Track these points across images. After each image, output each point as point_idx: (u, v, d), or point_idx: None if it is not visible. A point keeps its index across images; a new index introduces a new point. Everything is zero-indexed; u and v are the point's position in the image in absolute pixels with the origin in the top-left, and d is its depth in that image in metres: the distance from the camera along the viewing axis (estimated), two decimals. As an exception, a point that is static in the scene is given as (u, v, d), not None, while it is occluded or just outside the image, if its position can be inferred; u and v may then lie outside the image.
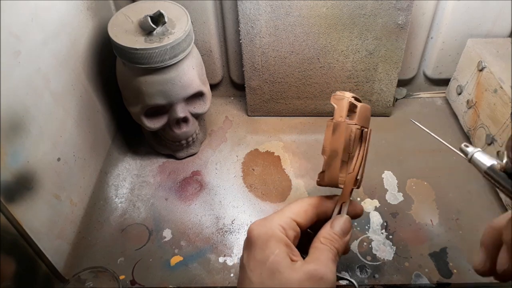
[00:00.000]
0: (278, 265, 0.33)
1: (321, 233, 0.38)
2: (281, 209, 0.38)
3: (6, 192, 0.46)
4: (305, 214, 0.38)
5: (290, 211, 0.38)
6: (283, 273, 0.33)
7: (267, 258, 0.34)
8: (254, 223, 0.37)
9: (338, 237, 0.37)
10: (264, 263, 0.34)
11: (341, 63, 0.73)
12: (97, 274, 0.56)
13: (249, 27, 0.69)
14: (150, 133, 0.71)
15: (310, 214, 0.38)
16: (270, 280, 0.33)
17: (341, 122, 0.37)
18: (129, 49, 0.57)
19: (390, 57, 0.72)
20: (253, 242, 0.35)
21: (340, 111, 0.38)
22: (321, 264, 0.35)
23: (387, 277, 0.56)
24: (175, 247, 0.60)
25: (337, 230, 0.38)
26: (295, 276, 0.33)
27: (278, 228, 0.36)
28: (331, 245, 0.37)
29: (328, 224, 0.38)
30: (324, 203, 0.40)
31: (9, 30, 0.46)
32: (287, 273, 0.33)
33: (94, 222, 0.64)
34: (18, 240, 0.48)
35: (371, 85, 0.75)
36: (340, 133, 0.37)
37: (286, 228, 0.36)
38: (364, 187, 0.67)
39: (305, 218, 0.38)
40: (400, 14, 0.67)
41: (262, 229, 0.36)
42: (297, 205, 0.39)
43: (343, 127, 0.37)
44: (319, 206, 0.39)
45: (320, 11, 0.67)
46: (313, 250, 0.37)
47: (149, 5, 0.63)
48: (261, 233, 0.35)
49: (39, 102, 0.52)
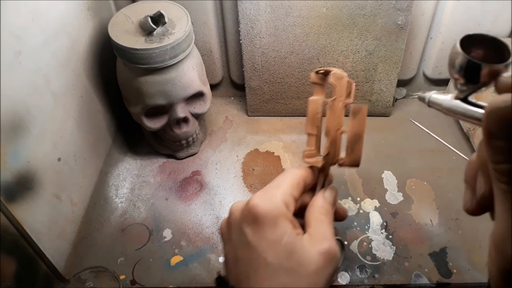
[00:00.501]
0: (293, 245, 0.33)
1: (317, 203, 0.38)
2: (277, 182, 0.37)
3: (6, 192, 0.46)
4: (298, 187, 0.37)
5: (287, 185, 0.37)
6: (300, 254, 0.33)
7: (281, 238, 0.33)
8: (256, 197, 0.35)
9: (331, 207, 0.38)
10: (279, 243, 0.33)
11: (341, 63, 0.73)
12: (97, 274, 0.56)
13: (249, 27, 0.69)
14: (150, 133, 0.72)
15: (301, 188, 0.38)
16: (288, 261, 0.33)
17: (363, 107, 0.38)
18: (130, 49, 0.57)
19: (390, 57, 0.72)
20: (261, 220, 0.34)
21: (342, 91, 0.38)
22: (331, 241, 0.35)
23: (387, 277, 0.56)
24: (175, 247, 0.60)
25: (330, 200, 0.38)
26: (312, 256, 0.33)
27: (283, 205, 0.35)
28: (329, 217, 0.37)
29: (321, 194, 0.39)
30: (310, 175, 0.39)
31: (9, 30, 0.46)
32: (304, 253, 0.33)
33: (94, 222, 0.64)
34: (18, 240, 0.48)
35: (371, 85, 0.75)
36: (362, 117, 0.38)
37: (288, 204, 0.35)
38: (364, 187, 0.67)
39: (297, 191, 0.37)
40: (399, 14, 0.67)
41: (268, 206, 0.34)
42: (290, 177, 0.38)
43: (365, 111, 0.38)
44: (307, 178, 0.39)
45: (320, 12, 0.67)
46: (315, 221, 0.37)
47: (149, 6, 0.63)
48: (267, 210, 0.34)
49: (39, 102, 0.52)
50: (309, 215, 0.37)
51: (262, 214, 0.34)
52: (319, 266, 0.33)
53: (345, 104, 0.38)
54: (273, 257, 0.33)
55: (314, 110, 0.41)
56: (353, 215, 0.64)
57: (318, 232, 0.36)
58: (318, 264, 0.33)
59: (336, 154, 0.38)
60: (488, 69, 0.26)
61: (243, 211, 0.36)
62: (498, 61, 0.27)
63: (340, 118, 0.38)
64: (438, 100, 0.30)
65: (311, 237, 0.35)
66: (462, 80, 0.28)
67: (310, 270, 0.33)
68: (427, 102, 0.30)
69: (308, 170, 0.39)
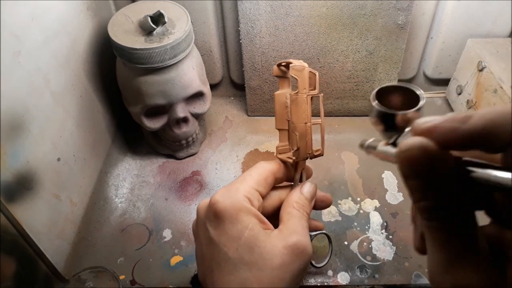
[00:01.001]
0: (255, 239, 0.33)
1: (292, 198, 0.38)
2: (242, 177, 0.37)
3: (6, 192, 0.46)
4: (266, 182, 0.37)
5: (252, 180, 0.36)
6: (263, 247, 0.33)
7: (242, 233, 0.33)
8: (217, 194, 0.35)
9: (308, 202, 0.38)
10: (240, 238, 0.33)
11: (341, 63, 0.73)
12: (97, 274, 0.56)
13: (249, 27, 0.69)
14: (150, 133, 0.71)
15: (270, 182, 0.38)
16: (250, 255, 0.33)
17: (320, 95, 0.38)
18: (129, 49, 0.57)
19: (390, 57, 0.72)
20: (221, 216, 0.34)
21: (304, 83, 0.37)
22: (300, 235, 0.34)
23: (387, 277, 0.56)
24: (175, 247, 0.60)
25: (308, 195, 0.38)
26: (276, 250, 0.33)
27: (244, 200, 0.34)
28: (303, 211, 0.37)
29: (298, 188, 0.38)
30: (280, 169, 0.39)
31: (9, 30, 0.46)
32: (267, 246, 0.33)
33: (94, 222, 0.64)
34: (18, 240, 0.48)
35: (371, 85, 0.75)
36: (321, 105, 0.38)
37: (251, 198, 0.35)
38: (364, 187, 0.67)
39: (265, 187, 0.37)
40: (400, 14, 0.67)
41: (228, 201, 0.34)
42: (257, 172, 0.37)
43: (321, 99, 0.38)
44: (277, 172, 0.39)
45: (320, 11, 0.67)
46: (288, 216, 0.36)
47: (149, 5, 0.63)
48: (227, 206, 0.34)
49: (39, 102, 0.52)
50: (282, 210, 0.37)
51: (222, 210, 0.34)
52: (285, 260, 0.33)
53: (310, 96, 0.38)
54: (233, 251, 0.33)
55: (281, 105, 0.40)
56: (353, 215, 0.64)
57: (287, 227, 0.35)
58: (283, 258, 0.33)
59: (307, 148, 0.38)
60: (400, 116, 0.29)
61: (207, 208, 0.35)
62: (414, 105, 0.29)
63: (306, 111, 0.37)
64: (372, 146, 0.31)
65: (280, 232, 0.35)
66: (382, 127, 0.30)
67: (274, 264, 0.32)
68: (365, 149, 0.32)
69: (278, 164, 0.39)
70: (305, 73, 0.37)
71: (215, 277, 0.34)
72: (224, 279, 0.33)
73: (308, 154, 0.38)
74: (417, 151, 0.21)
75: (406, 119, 0.29)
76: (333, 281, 0.56)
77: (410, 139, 0.22)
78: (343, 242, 0.60)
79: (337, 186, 0.68)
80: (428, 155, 0.21)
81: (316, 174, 0.69)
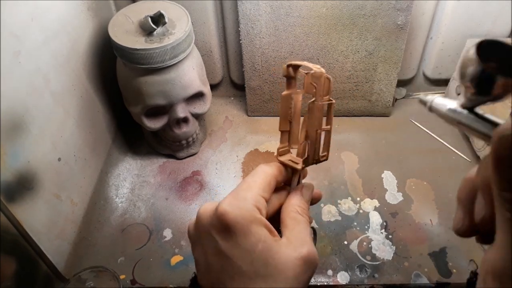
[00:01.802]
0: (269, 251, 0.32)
1: (294, 202, 0.37)
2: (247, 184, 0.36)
3: (6, 192, 0.46)
4: (269, 187, 0.36)
5: (258, 187, 0.35)
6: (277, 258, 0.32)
7: (256, 246, 0.32)
8: (225, 203, 0.33)
9: (308, 205, 0.38)
10: (254, 251, 0.32)
11: (341, 63, 0.73)
12: (97, 274, 0.56)
13: (249, 27, 0.69)
14: (150, 133, 0.72)
15: (273, 187, 0.37)
16: (265, 268, 0.32)
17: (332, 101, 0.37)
18: (130, 50, 0.57)
19: (390, 57, 0.72)
20: (232, 228, 0.33)
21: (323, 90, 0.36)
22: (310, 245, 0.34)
23: (387, 277, 0.56)
24: (176, 246, 0.61)
25: (308, 198, 0.38)
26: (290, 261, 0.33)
27: (254, 210, 0.33)
28: (306, 216, 0.36)
29: (298, 192, 0.38)
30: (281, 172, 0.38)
31: (9, 30, 0.46)
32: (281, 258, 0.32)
33: (94, 222, 0.64)
34: (18, 240, 0.48)
35: (370, 85, 0.75)
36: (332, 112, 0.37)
37: (260, 207, 0.34)
38: (364, 187, 0.67)
39: (269, 192, 0.36)
40: (399, 14, 0.67)
41: (238, 212, 0.33)
42: (261, 177, 0.36)
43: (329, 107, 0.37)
44: (278, 176, 0.38)
45: (320, 12, 0.67)
46: (293, 222, 0.36)
47: (149, 6, 0.63)
48: (238, 217, 0.32)
49: (39, 102, 0.52)
50: (286, 215, 0.36)
51: (233, 222, 0.32)
52: (298, 272, 0.32)
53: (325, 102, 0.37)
54: (248, 265, 0.32)
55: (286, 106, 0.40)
56: (352, 215, 0.64)
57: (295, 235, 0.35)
58: (296, 269, 0.32)
59: (316, 154, 0.38)
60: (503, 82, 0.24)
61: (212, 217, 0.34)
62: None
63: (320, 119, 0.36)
64: (441, 106, 0.27)
65: (289, 241, 0.34)
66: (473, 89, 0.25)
67: (289, 276, 0.32)
68: (428, 107, 0.28)
69: (279, 167, 0.38)
70: (322, 80, 0.36)
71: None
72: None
73: (314, 160, 0.38)
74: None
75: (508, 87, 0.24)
76: (333, 281, 0.56)
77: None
78: (343, 241, 0.60)
79: (337, 186, 0.68)
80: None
81: (316, 174, 0.70)
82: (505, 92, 0.24)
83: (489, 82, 0.24)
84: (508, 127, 0.19)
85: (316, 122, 0.36)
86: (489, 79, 0.24)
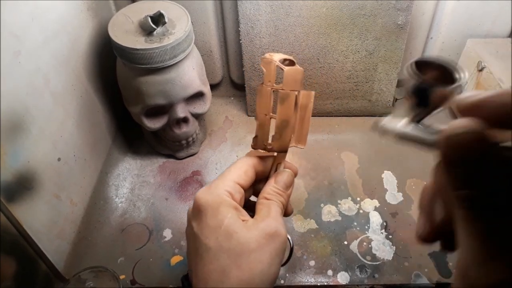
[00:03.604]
0: (233, 227, 0.35)
1: (265, 189, 0.39)
2: (222, 173, 0.39)
3: (6, 192, 0.46)
4: (246, 175, 0.39)
5: (232, 175, 0.38)
6: (239, 234, 0.34)
7: (221, 223, 0.35)
8: (200, 192, 0.37)
9: (282, 191, 0.39)
10: (219, 227, 0.35)
11: (341, 63, 0.73)
12: (97, 274, 0.56)
13: (249, 27, 0.69)
14: (150, 133, 0.72)
15: (250, 175, 0.39)
16: (228, 242, 0.34)
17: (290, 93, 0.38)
18: (130, 49, 0.57)
19: (390, 57, 0.72)
20: (203, 210, 0.36)
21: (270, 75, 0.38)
22: (272, 219, 0.36)
23: (387, 277, 0.56)
24: (176, 246, 0.60)
25: (281, 184, 0.39)
26: (251, 235, 0.34)
27: (225, 194, 0.37)
28: (276, 199, 0.38)
29: (272, 179, 0.40)
30: (261, 162, 0.41)
31: (9, 30, 0.46)
32: (243, 233, 0.34)
33: (94, 222, 0.64)
34: (18, 240, 0.48)
35: (370, 85, 0.75)
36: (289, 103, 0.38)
37: (232, 192, 0.37)
38: (364, 187, 0.67)
39: (246, 179, 0.39)
40: (399, 14, 0.67)
41: (209, 197, 0.36)
42: (237, 167, 0.39)
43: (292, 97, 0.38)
44: (257, 165, 0.40)
45: (320, 12, 0.67)
46: (261, 206, 0.38)
47: (149, 5, 0.63)
48: (209, 201, 0.36)
49: (39, 102, 0.52)
50: (257, 201, 0.39)
51: (204, 205, 0.36)
52: (260, 243, 0.34)
53: (274, 89, 0.38)
54: (213, 241, 0.34)
55: None
56: (353, 215, 0.64)
57: (260, 215, 0.37)
58: (259, 240, 0.34)
59: (264, 139, 0.39)
60: (438, 92, 0.27)
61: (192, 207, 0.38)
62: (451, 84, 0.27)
63: (267, 104, 0.38)
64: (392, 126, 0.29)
65: (255, 220, 0.36)
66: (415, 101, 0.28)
67: (251, 248, 0.34)
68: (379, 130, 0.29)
69: (257, 157, 0.41)
70: (272, 66, 0.37)
71: (198, 268, 0.35)
72: (205, 269, 0.35)
73: (264, 145, 0.40)
74: (468, 135, 0.19)
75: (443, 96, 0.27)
76: (333, 281, 0.56)
77: (457, 121, 0.20)
78: (343, 242, 0.60)
79: (337, 186, 0.68)
80: (480, 140, 0.19)
81: (316, 174, 0.70)
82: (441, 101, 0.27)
83: (427, 93, 0.28)
84: (452, 128, 0.20)
85: (264, 105, 0.38)
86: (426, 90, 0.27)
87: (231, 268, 0.33)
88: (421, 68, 0.28)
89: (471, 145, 0.19)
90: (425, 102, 0.28)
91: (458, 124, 0.20)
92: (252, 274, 0.33)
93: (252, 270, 0.33)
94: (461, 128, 0.19)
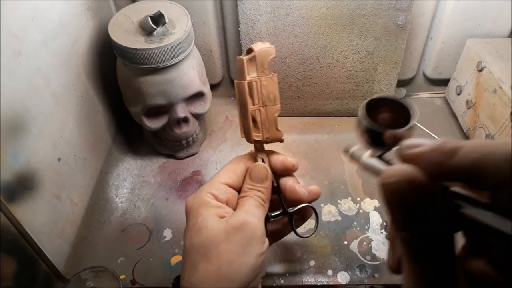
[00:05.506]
0: (204, 223, 0.36)
1: (242, 188, 0.41)
2: (212, 177, 0.41)
3: (6, 192, 0.46)
4: (234, 173, 0.41)
5: (218, 177, 0.40)
6: (209, 227, 0.36)
7: (196, 221, 0.37)
8: (188, 198, 0.39)
9: (257, 185, 0.40)
10: (194, 225, 0.37)
11: (341, 63, 0.73)
12: (97, 274, 0.56)
13: (249, 27, 0.69)
14: (151, 133, 0.72)
15: (239, 172, 0.41)
16: (198, 237, 0.36)
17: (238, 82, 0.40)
18: (130, 50, 0.57)
19: (390, 57, 0.72)
20: (187, 214, 0.38)
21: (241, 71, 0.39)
22: (242, 212, 0.37)
23: (387, 277, 0.56)
24: (176, 246, 0.61)
25: (255, 179, 0.40)
26: (220, 227, 0.36)
27: (207, 196, 0.38)
28: (252, 194, 0.39)
29: (247, 177, 0.41)
30: (250, 159, 0.42)
31: (9, 30, 0.46)
32: (213, 226, 0.36)
33: (94, 222, 0.64)
34: (18, 240, 0.48)
35: (370, 85, 0.75)
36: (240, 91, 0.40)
37: (216, 194, 0.39)
38: (364, 187, 0.67)
39: (234, 178, 0.40)
40: (399, 14, 0.67)
41: (193, 201, 0.38)
42: (225, 168, 0.41)
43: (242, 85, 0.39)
44: (247, 162, 0.42)
45: (320, 12, 0.67)
46: (239, 204, 0.39)
47: (149, 5, 0.63)
48: (192, 204, 0.38)
49: (39, 102, 0.52)
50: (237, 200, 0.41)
51: (188, 210, 0.38)
52: (229, 233, 0.36)
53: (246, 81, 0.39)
54: (188, 240, 0.37)
55: None
56: (352, 215, 0.64)
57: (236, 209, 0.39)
58: (227, 231, 0.36)
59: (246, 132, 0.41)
60: (390, 134, 0.27)
61: None
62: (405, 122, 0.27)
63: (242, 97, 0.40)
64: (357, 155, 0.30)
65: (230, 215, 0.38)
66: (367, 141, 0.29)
67: (219, 239, 0.35)
68: (349, 155, 0.30)
69: (249, 154, 0.42)
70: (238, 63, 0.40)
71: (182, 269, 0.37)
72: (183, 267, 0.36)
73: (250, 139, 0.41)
74: (404, 183, 0.20)
75: (395, 137, 0.27)
76: (333, 281, 0.56)
77: (396, 166, 0.21)
78: (342, 241, 0.60)
79: (337, 186, 0.68)
80: (415, 187, 0.20)
81: (316, 174, 0.70)
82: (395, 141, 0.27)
83: (378, 136, 0.28)
84: (387, 175, 0.20)
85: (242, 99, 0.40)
86: (378, 132, 0.28)
87: (200, 262, 0.35)
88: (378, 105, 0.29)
89: (405, 192, 0.20)
90: (379, 142, 0.28)
91: (393, 172, 0.20)
92: (220, 264, 0.34)
93: (220, 261, 0.35)
94: (395, 176, 0.20)
